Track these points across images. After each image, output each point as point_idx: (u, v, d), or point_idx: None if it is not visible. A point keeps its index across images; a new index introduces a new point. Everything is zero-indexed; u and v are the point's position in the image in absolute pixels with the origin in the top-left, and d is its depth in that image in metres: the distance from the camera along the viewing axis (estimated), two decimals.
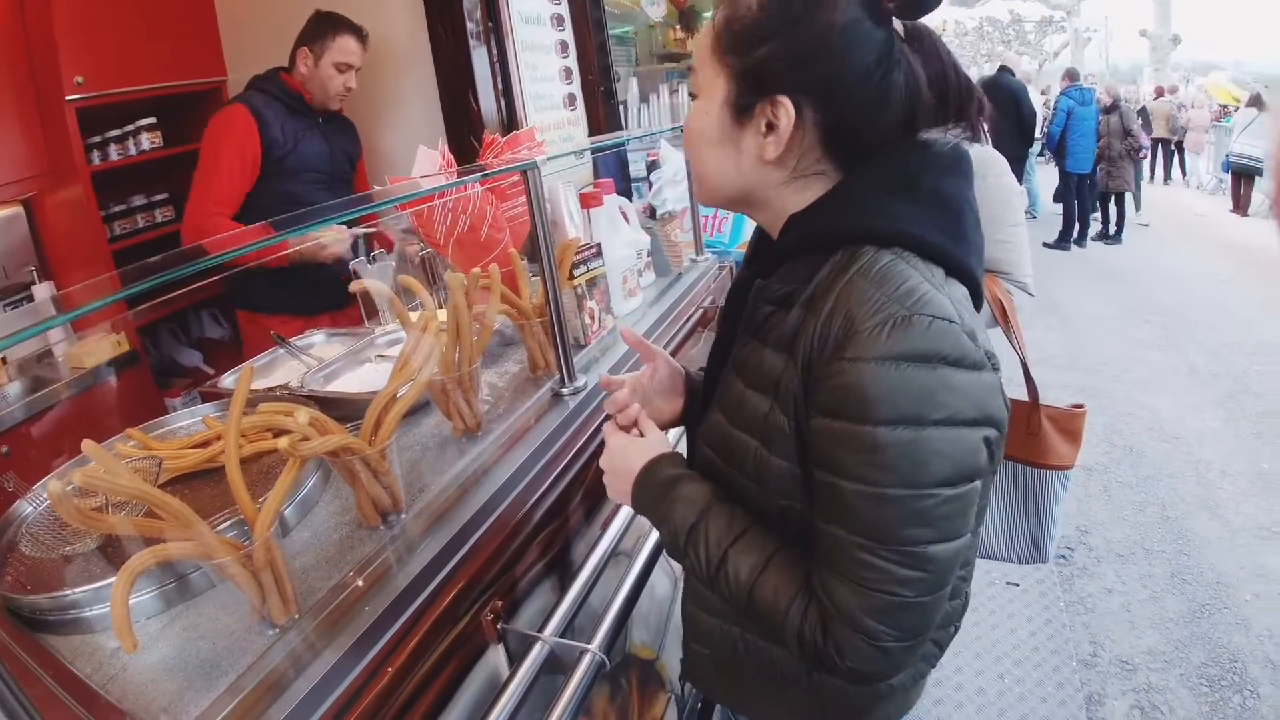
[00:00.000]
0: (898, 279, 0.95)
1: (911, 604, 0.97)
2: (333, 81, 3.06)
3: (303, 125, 3.12)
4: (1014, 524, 2.29)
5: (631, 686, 1.91)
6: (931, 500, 0.93)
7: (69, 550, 1.38)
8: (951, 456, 0.93)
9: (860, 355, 0.92)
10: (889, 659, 1.00)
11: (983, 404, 0.95)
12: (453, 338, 1.59)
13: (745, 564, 1.08)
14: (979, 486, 0.98)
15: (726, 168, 1.11)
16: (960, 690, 3.00)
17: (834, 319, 0.96)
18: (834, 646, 1.00)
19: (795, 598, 1.04)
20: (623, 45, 4.68)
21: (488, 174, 1.89)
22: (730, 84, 1.05)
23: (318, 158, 3.17)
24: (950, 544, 0.96)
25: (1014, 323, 2.18)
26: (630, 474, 1.24)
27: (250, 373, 1.26)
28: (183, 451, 1.60)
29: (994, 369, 0.98)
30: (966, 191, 1.09)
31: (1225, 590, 3.50)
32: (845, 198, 1.05)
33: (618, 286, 2.38)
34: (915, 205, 1.02)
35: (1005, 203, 2.19)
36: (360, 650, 1.16)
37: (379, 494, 1.38)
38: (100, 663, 1.17)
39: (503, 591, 1.44)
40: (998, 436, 1.00)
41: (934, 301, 0.93)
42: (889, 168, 1.05)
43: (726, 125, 1.08)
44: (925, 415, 0.91)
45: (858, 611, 0.97)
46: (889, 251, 0.99)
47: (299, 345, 2.33)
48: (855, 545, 0.96)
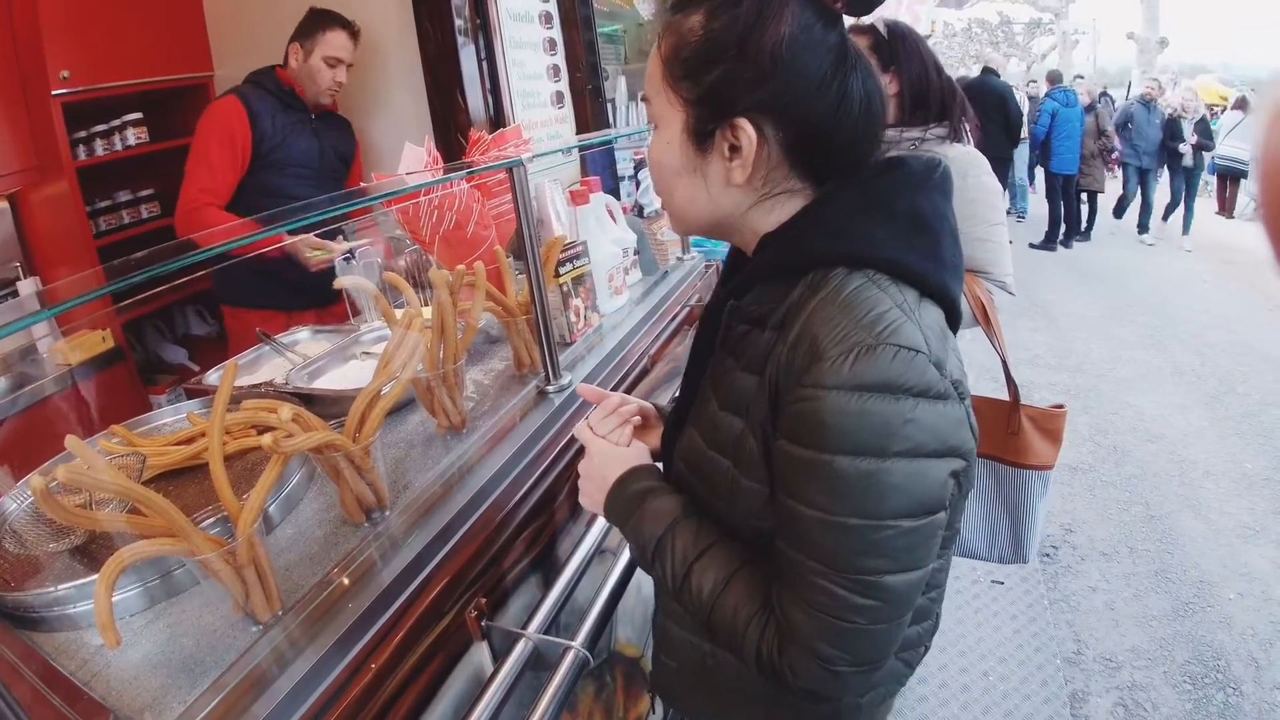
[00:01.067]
0: (866, 305, 0.94)
1: (865, 631, 0.96)
2: (322, 76, 3.06)
3: (294, 120, 3.13)
4: (995, 524, 2.30)
5: (617, 683, 1.92)
6: (889, 532, 0.92)
7: (53, 547, 1.37)
8: (911, 489, 0.92)
9: (823, 383, 0.91)
10: (841, 682, 0.99)
11: (946, 436, 0.93)
12: (437, 335, 1.59)
13: (709, 579, 1.08)
14: (941, 519, 0.97)
15: (697, 196, 1.09)
16: (945, 688, 3.01)
17: (800, 344, 0.95)
18: (788, 666, 1.00)
19: (755, 615, 1.04)
20: (611, 44, 4.67)
21: (473, 171, 1.88)
22: (686, 112, 1.04)
23: (306, 153, 3.17)
24: (908, 574, 0.96)
25: (994, 322, 2.19)
26: (606, 483, 1.24)
27: (234, 369, 1.26)
28: (167, 448, 1.59)
29: (960, 399, 0.97)
30: (944, 209, 1.07)
31: (1209, 589, 3.53)
32: (818, 218, 1.03)
33: (604, 284, 2.38)
34: (891, 226, 1.00)
35: (986, 202, 2.19)
36: (343, 647, 1.16)
37: (363, 491, 1.38)
38: (84, 659, 1.17)
39: (487, 588, 1.44)
40: (965, 467, 0.99)
41: (902, 330, 0.92)
42: (864, 186, 1.03)
43: (690, 154, 1.06)
44: (887, 447, 0.90)
45: (811, 635, 0.97)
46: (860, 274, 0.97)
47: (284, 342, 2.32)
48: (811, 571, 0.95)
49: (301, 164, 3.16)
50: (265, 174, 3.06)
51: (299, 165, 3.15)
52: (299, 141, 3.14)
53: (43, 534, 1.42)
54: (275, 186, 3.06)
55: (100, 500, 1.39)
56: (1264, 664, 3.09)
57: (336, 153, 3.32)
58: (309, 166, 3.19)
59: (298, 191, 3.07)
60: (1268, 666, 3.08)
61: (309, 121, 3.19)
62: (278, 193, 3.03)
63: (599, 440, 1.31)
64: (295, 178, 3.13)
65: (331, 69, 3.07)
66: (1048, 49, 29.19)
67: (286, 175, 3.11)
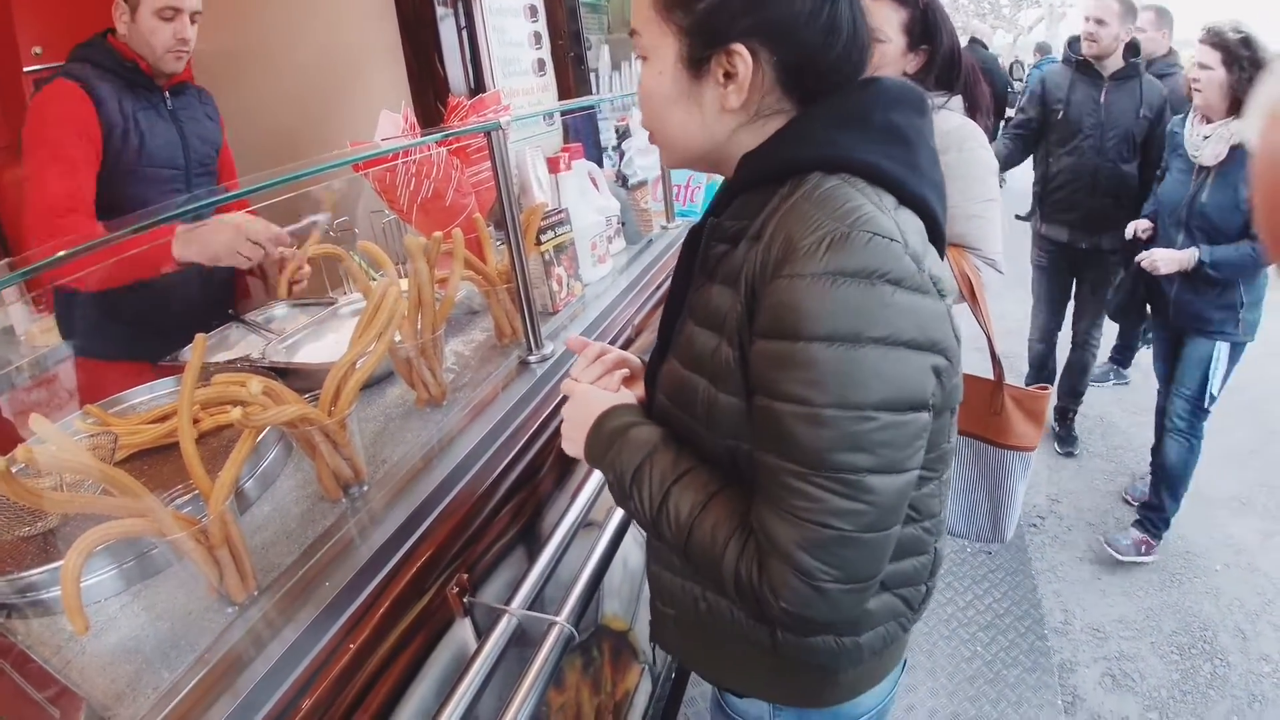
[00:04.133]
0: (840, 199, 0.94)
1: (849, 539, 0.93)
2: (158, 35, 2.30)
3: (143, 104, 2.39)
4: (974, 501, 2.29)
5: (604, 658, 1.90)
6: (870, 424, 0.90)
7: (25, 532, 1.34)
8: (891, 378, 0.90)
9: (797, 271, 0.90)
10: (827, 601, 0.95)
11: (926, 327, 0.92)
12: (414, 305, 1.55)
13: (686, 502, 1.05)
14: (925, 419, 0.95)
15: (690, 125, 1.09)
16: (931, 657, 3.01)
17: (774, 242, 0.95)
18: (769, 585, 0.97)
19: (734, 535, 1.01)
20: (595, 13, 4.61)
21: (449, 134, 1.85)
22: (680, 40, 1.03)
23: (168, 148, 2.45)
24: (893, 477, 0.93)
25: (981, 299, 2.15)
26: (587, 423, 1.21)
27: (203, 342, 1.21)
28: (140, 427, 1.56)
29: (940, 295, 0.96)
30: (922, 126, 1.07)
31: (1195, 560, 3.54)
32: (795, 131, 1.04)
33: (586, 253, 2.34)
34: (867, 135, 1.01)
35: (980, 177, 2.15)
36: (321, 627, 1.13)
37: (339, 465, 1.34)
38: (58, 646, 1.14)
39: (469, 564, 1.41)
40: (948, 366, 0.98)
41: (875, 219, 0.91)
42: (842, 102, 1.03)
43: (683, 82, 1.05)
44: (862, 332, 0.88)
45: (792, 545, 0.93)
46: (835, 177, 0.97)
47: (257, 320, 2.28)
48: (788, 472, 0.93)
49: (166, 164, 2.45)
50: (119, 181, 2.33)
51: (162, 166, 2.44)
52: (156, 133, 2.41)
53: (13, 519, 1.39)
54: (136, 198, 2.35)
55: (74, 483, 1.36)
56: (1250, 635, 3.11)
57: (204, 140, 2.58)
58: (174, 167, 2.48)
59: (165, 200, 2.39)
60: (1254, 638, 3.09)
61: (163, 103, 2.45)
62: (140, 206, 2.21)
63: (583, 385, 1.29)
64: (158, 185, 2.43)
65: (169, 22, 2.30)
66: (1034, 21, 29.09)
67: (146, 183, 2.39)
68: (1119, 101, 3.89)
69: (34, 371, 3.07)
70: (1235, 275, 3.11)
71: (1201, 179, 3.17)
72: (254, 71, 3.21)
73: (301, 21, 3.12)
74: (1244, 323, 3.21)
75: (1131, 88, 3.88)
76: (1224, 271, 3.09)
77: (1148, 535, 3.52)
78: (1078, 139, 3.99)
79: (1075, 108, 3.98)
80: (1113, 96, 3.90)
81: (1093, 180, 3.98)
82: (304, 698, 1.07)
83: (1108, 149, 3.93)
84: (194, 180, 2.53)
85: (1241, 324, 3.21)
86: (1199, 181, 3.18)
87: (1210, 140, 3.10)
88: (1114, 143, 3.92)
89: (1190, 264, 3.14)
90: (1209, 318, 3.24)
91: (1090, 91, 3.94)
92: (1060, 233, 4.17)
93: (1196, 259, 3.12)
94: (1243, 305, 3.18)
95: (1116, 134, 3.90)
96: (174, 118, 2.47)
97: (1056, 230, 4.19)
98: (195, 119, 2.55)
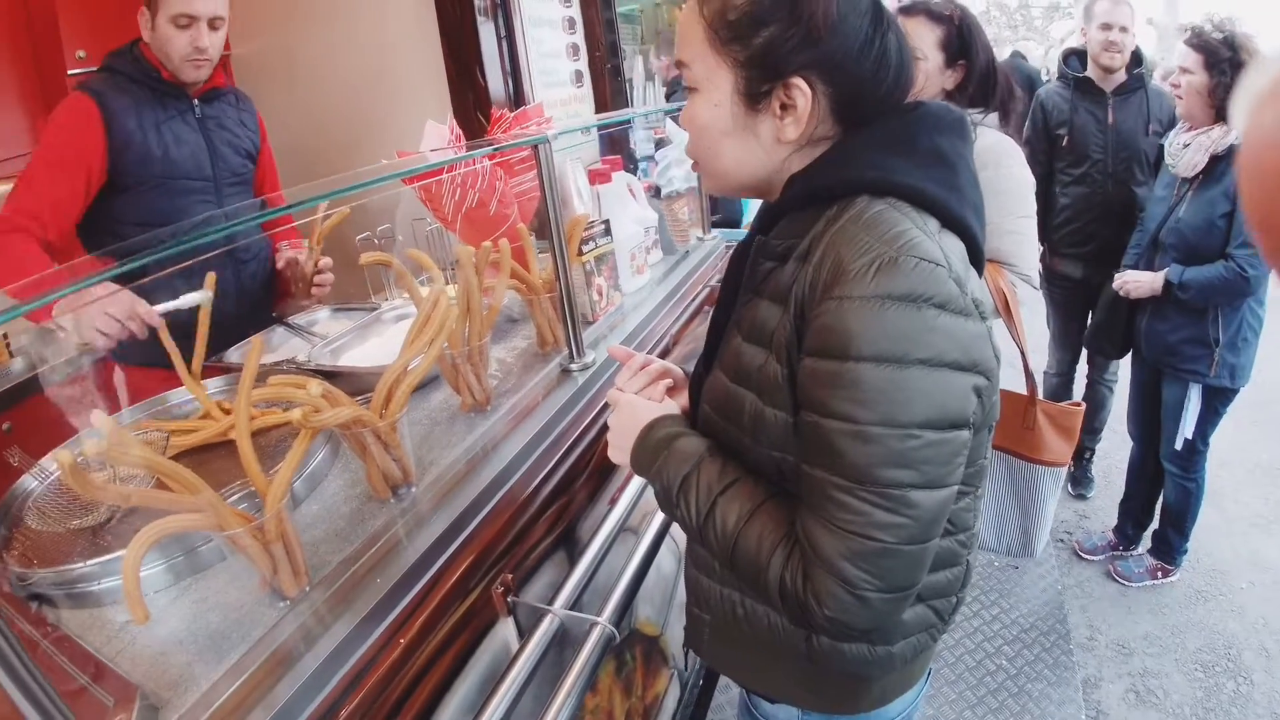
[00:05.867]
0: (888, 224, 0.96)
1: (891, 550, 0.95)
2: (174, 43, 2.26)
3: (169, 114, 2.36)
4: (1005, 516, 2.29)
5: (636, 662, 1.91)
6: (914, 441, 0.93)
7: (76, 524, 1.38)
8: (935, 398, 0.93)
9: (846, 294, 0.92)
10: (869, 610, 0.98)
11: (969, 349, 0.95)
12: (463, 312, 1.58)
13: (733, 512, 1.08)
14: (965, 436, 0.98)
15: (745, 156, 1.11)
16: (955, 668, 3.01)
17: (824, 263, 0.97)
18: (813, 593, 0.99)
19: (779, 544, 1.03)
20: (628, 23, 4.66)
21: (499, 148, 1.87)
22: (736, 73, 1.05)
23: (193, 159, 2.41)
24: (934, 491, 0.96)
25: (1016, 314, 2.17)
26: (634, 432, 1.24)
27: (260, 344, 1.25)
28: (193, 424, 1.59)
29: (981, 317, 0.98)
30: (964, 150, 1.10)
31: (1221, 577, 3.50)
32: (843, 153, 1.06)
33: (625, 263, 2.37)
34: (912, 159, 1.03)
35: (1018, 194, 2.16)
36: (372, 623, 1.16)
37: (389, 467, 1.37)
38: (109, 636, 1.17)
39: (512, 565, 1.44)
40: (988, 385, 1.00)
41: (922, 245, 0.94)
42: (886, 124, 1.06)
43: (739, 115, 1.07)
44: (908, 354, 0.91)
45: (836, 556, 0.96)
46: (882, 201, 1.00)
47: (301, 323, 2.32)
48: (835, 486, 0.95)
49: (192, 175, 2.41)
50: (141, 194, 2.32)
51: (184, 176, 2.39)
52: (181, 144, 2.38)
53: (66, 511, 1.43)
54: (159, 211, 2.33)
55: (124, 478, 1.39)
56: (1275, 653, 3.08)
57: (236, 150, 2.54)
58: (201, 177, 2.44)
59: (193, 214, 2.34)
60: (1279, 656, 3.07)
61: (190, 111, 2.42)
62: (163, 221, 2.07)
63: (628, 395, 1.31)
64: (185, 196, 2.40)
65: (184, 29, 2.25)
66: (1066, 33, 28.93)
67: (169, 192, 2.36)
68: (1126, 119, 3.55)
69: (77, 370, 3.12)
70: (1207, 300, 2.86)
71: (1181, 193, 2.93)
72: (295, 78, 3.26)
73: (344, 30, 3.16)
74: (1221, 363, 2.94)
75: (1138, 101, 3.55)
76: (1194, 295, 2.85)
77: (1162, 562, 3.45)
78: (1085, 165, 3.62)
79: (1079, 131, 3.61)
80: (1119, 115, 3.54)
81: (1105, 209, 3.62)
82: (354, 690, 1.10)
83: (1119, 172, 3.57)
84: (224, 191, 2.50)
85: (1217, 364, 2.94)
86: (1178, 196, 2.94)
87: (1189, 150, 2.83)
88: (1124, 165, 3.56)
89: (1160, 287, 2.94)
90: (1179, 352, 3.01)
91: (1094, 111, 3.58)
92: (1075, 268, 3.79)
93: (1165, 280, 2.91)
94: (1219, 342, 2.91)
95: (1126, 155, 3.55)
96: (202, 127, 2.44)
97: (1069, 266, 3.80)
98: (226, 127, 2.52)
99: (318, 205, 2.01)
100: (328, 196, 1.35)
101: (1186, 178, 2.88)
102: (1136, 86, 3.54)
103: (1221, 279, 2.77)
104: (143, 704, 1.01)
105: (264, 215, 1.45)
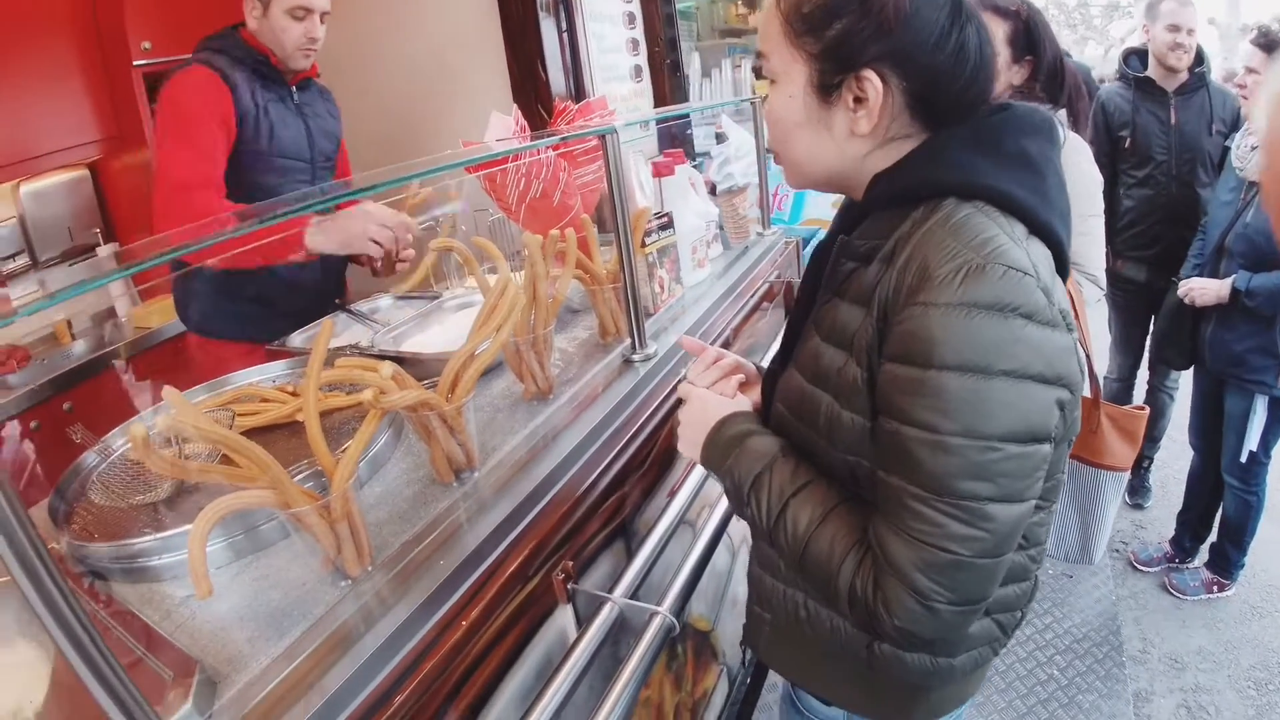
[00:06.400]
0: (976, 229, 0.94)
1: (965, 563, 0.94)
2: (289, 33, 2.37)
3: (274, 96, 2.46)
4: (1065, 521, 2.25)
5: (687, 656, 1.91)
6: (995, 454, 0.91)
7: (140, 499, 1.40)
8: (1019, 410, 0.91)
9: (932, 300, 0.91)
10: (938, 621, 0.97)
11: (1054, 362, 0.92)
12: (529, 299, 1.58)
13: (805, 514, 1.07)
14: (1047, 450, 0.95)
15: (819, 149, 1.10)
16: (1005, 675, 2.98)
17: (909, 267, 0.95)
18: (883, 602, 0.98)
19: (851, 550, 1.02)
20: (685, 20, 4.65)
21: (565, 138, 1.88)
22: (810, 65, 1.04)
23: (295, 141, 2.52)
24: (1012, 506, 0.94)
25: (1082, 315, 2.12)
26: (705, 427, 1.23)
27: (330, 327, 1.26)
28: (262, 405, 1.61)
29: (1069, 329, 0.96)
30: (1051, 154, 1.07)
31: (1278, 593, 3.43)
32: (929, 154, 1.04)
33: (687, 256, 2.36)
34: (999, 162, 1.01)
35: (1085, 191, 2.11)
36: (433, 605, 1.16)
37: (454, 450, 1.38)
38: (168, 611, 1.18)
39: (571, 554, 1.44)
40: (1071, 399, 0.97)
41: (1010, 253, 0.92)
42: (974, 126, 1.04)
43: (813, 107, 1.06)
44: (993, 364, 0.89)
45: (909, 566, 0.95)
46: (969, 204, 0.98)
47: (363, 310, 2.34)
48: (912, 496, 0.94)
49: (293, 155, 2.52)
50: (248, 169, 2.39)
51: (290, 157, 2.51)
52: (286, 125, 2.49)
53: (128, 486, 1.44)
54: (264, 186, 2.42)
55: (191, 455, 1.41)
56: None
57: (327, 136, 2.66)
58: (301, 159, 2.55)
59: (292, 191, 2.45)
60: None
61: (290, 97, 2.53)
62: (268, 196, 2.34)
63: (700, 389, 1.31)
64: (285, 175, 2.50)
65: (300, 21, 2.37)
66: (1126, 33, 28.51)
67: (274, 171, 2.47)
68: (1189, 119, 3.46)
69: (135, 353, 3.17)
70: (1275, 307, 2.75)
71: (1249, 196, 2.83)
72: (363, 69, 3.29)
73: (410, 24, 3.19)
74: None
75: (1200, 101, 3.45)
76: (1262, 302, 2.75)
77: (1218, 576, 3.37)
78: (1149, 167, 3.55)
79: (1142, 131, 3.53)
80: (1182, 115, 3.45)
81: (1169, 211, 3.54)
82: (414, 671, 1.10)
83: (1183, 173, 3.49)
84: (318, 172, 2.60)
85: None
86: (1245, 200, 2.84)
87: (1259, 151, 2.67)
88: (1188, 166, 3.48)
89: (1226, 294, 2.84)
90: (1245, 362, 2.91)
91: (1156, 111, 3.50)
92: (1138, 271, 3.72)
93: (1232, 287, 2.81)
94: None
95: (1190, 155, 3.47)
96: (300, 112, 2.54)
97: (1134, 269, 3.73)
98: (319, 114, 2.62)
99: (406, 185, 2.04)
100: (400, 181, 1.36)
101: (1255, 181, 2.79)
102: (1199, 85, 3.45)
103: None
104: (202, 677, 1.01)
105: (355, 193, 1.46)
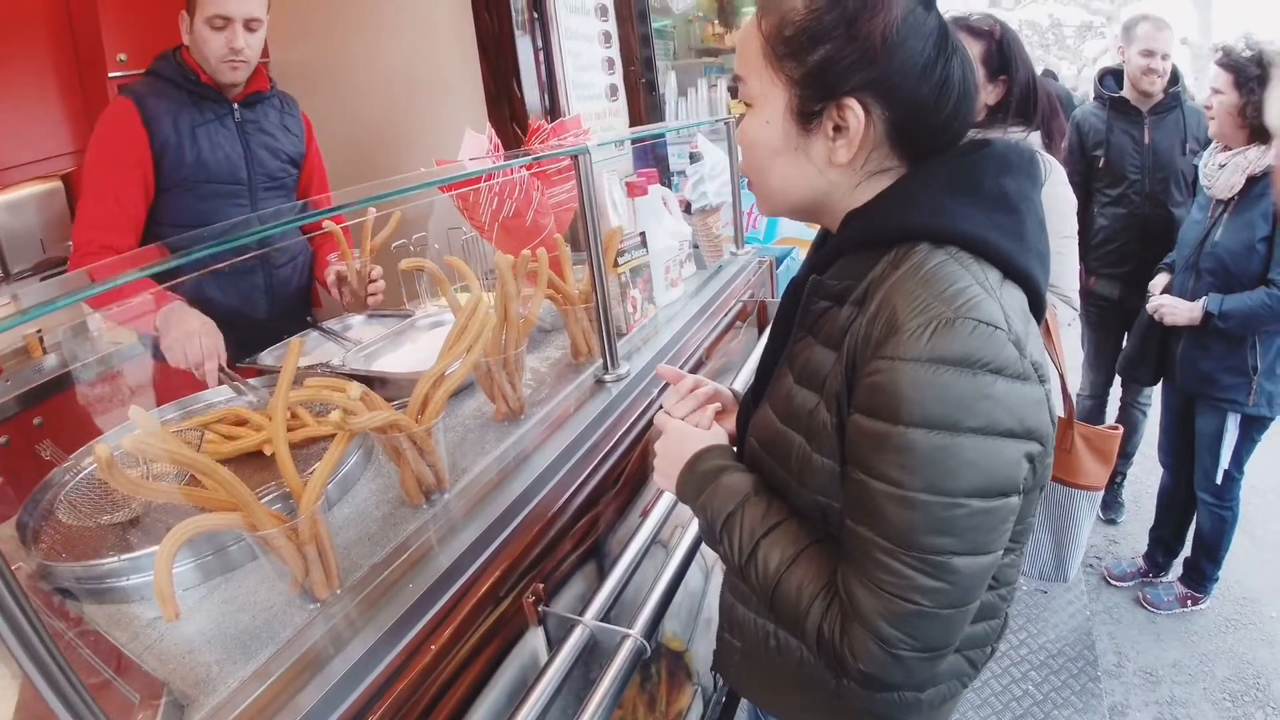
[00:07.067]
0: (947, 280, 0.93)
1: (930, 614, 0.94)
2: (210, 45, 2.25)
3: (207, 117, 2.37)
4: (1039, 539, 2.27)
5: (661, 676, 1.90)
6: (960, 510, 0.91)
7: (107, 519, 1.38)
8: (984, 467, 0.90)
9: (899, 355, 0.90)
10: (903, 668, 0.97)
11: (1023, 416, 0.92)
12: (500, 319, 1.58)
13: (775, 556, 1.07)
14: (1014, 503, 0.95)
15: (794, 176, 1.08)
16: (979, 692, 2.99)
17: (879, 316, 0.94)
18: (849, 647, 0.98)
19: (820, 594, 1.02)
20: (661, 39, 4.66)
21: (538, 158, 1.87)
22: (790, 91, 1.02)
23: (227, 163, 2.40)
24: (977, 558, 0.94)
25: (1055, 336, 2.14)
26: (681, 460, 1.23)
27: (298, 346, 1.25)
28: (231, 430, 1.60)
29: (1040, 381, 0.95)
30: (1031, 193, 1.06)
31: (1251, 606, 3.45)
32: (904, 194, 1.02)
33: (660, 276, 2.36)
34: (976, 204, 0.99)
35: (1059, 212, 2.13)
36: (402, 628, 1.15)
37: (423, 472, 1.37)
38: (136, 632, 1.17)
39: (542, 575, 1.43)
40: (1041, 452, 0.96)
41: (982, 306, 0.90)
42: (953, 164, 1.02)
43: (791, 134, 1.04)
44: (960, 421, 0.88)
45: (874, 615, 0.95)
46: (943, 250, 0.96)
47: (335, 328, 2.33)
48: (878, 548, 0.94)
49: (226, 179, 2.41)
50: (180, 198, 2.34)
51: (221, 182, 2.40)
52: (217, 148, 2.37)
53: (96, 506, 1.43)
54: (195, 211, 2.35)
55: (157, 475, 1.39)
56: None
57: (275, 154, 2.53)
58: (235, 181, 2.43)
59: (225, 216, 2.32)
60: None
61: (230, 115, 2.42)
62: (199, 223, 1.98)
63: (676, 421, 1.31)
64: (218, 199, 2.40)
65: (219, 31, 2.24)
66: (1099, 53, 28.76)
67: (201, 195, 2.37)
68: (1163, 138, 3.52)
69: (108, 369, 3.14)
70: (1247, 329, 2.79)
71: (1217, 215, 2.86)
72: (335, 86, 3.28)
73: (384, 39, 3.19)
74: (1259, 391, 2.88)
75: (1174, 120, 3.51)
76: (1234, 324, 2.78)
77: (1192, 590, 3.40)
78: (1122, 186, 3.61)
79: (1116, 151, 3.60)
80: (1156, 134, 3.52)
81: (1142, 229, 3.60)
82: (384, 695, 1.09)
83: (1156, 193, 3.56)
84: (259, 195, 2.49)
85: (1255, 392, 2.88)
86: (1214, 218, 2.87)
87: (1225, 170, 2.77)
88: (1162, 185, 3.54)
89: (1198, 316, 2.85)
90: (1216, 380, 2.94)
91: (1130, 131, 3.57)
92: (1111, 288, 3.77)
93: (1204, 310, 2.83)
94: (1257, 370, 2.85)
95: (1164, 175, 3.53)
96: (240, 131, 2.44)
97: (1107, 286, 3.79)
98: (267, 131, 2.51)
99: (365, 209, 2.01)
100: (368, 202, 1.35)
101: (1222, 200, 2.82)
102: (1173, 105, 3.51)
103: (1265, 306, 2.71)
104: (169, 700, 1.00)
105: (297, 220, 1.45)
